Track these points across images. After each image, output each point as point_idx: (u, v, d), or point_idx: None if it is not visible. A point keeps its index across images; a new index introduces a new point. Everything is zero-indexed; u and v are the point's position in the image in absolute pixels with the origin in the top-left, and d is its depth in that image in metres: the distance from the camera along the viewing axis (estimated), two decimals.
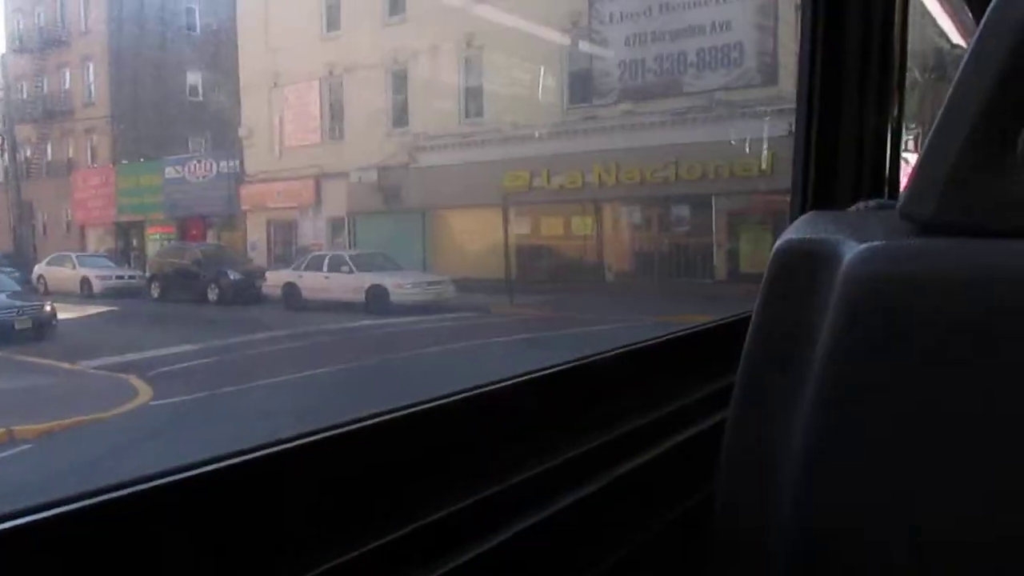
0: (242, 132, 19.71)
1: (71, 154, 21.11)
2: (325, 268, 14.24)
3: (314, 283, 14.10)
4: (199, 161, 20.06)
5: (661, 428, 0.94)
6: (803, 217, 0.67)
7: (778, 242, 0.60)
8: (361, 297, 13.58)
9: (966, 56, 0.51)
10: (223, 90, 19.81)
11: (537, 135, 15.43)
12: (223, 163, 19.71)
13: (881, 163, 1.47)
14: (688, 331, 1.17)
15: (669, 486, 0.92)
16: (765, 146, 13.15)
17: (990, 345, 0.50)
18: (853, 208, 0.83)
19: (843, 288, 0.53)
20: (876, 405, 0.53)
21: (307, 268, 14.50)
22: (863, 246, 0.53)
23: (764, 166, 13.24)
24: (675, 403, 0.99)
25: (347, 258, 14.27)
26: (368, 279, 13.66)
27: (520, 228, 16.01)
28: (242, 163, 19.67)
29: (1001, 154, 0.51)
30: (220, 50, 19.23)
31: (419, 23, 16.89)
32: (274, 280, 14.75)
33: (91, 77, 20.42)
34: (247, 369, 9.03)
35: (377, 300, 13.45)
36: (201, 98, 20.76)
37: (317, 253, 15.06)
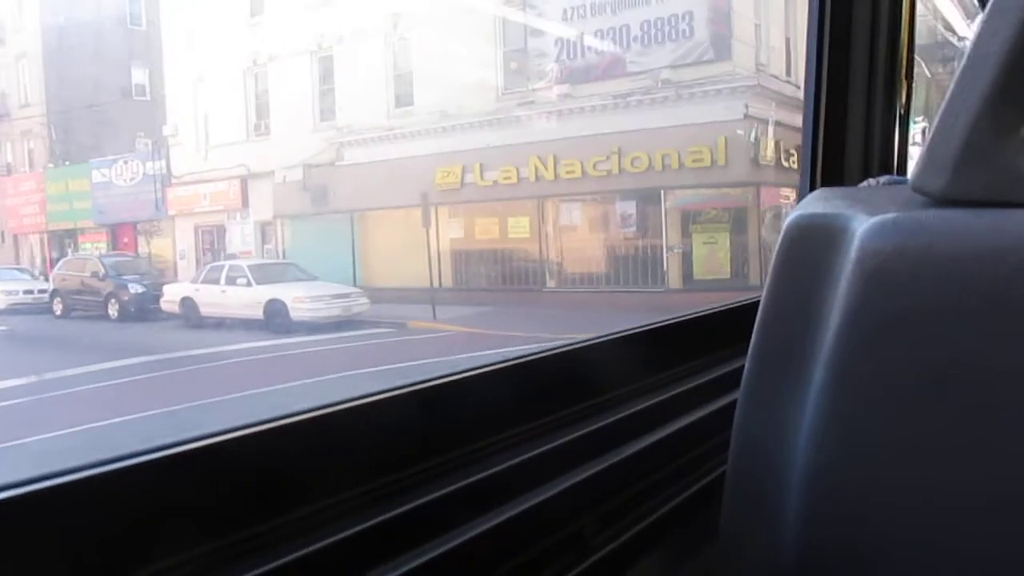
0: (167, 130, 18.06)
1: (9, 158, 19.60)
2: (222, 280, 12.51)
3: (210, 297, 12.40)
4: (126, 163, 18.38)
5: (672, 408, 0.93)
6: (813, 193, 0.62)
7: (788, 218, 0.57)
8: (259, 313, 11.86)
9: (979, 24, 0.49)
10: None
11: (469, 125, 13.59)
12: (149, 164, 18.05)
13: (890, 141, 1.46)
14: (700, 313, 1.15)
15: (680, 466, 0.90)
16: (719, 132, 11.20)
17: (1007, 315, 0.48)
18: (864, 184, 0.85)
19: (856, 262, 0.51)
20: (890, 379, 0.51)
21: (204, 281, 12.79)
22: (875, 219, 0.51)
23: (718, 155, 11.31)
24: (686, 384, 0.98)
25: (245, 269, 12.53)
26: (266, 293, 11.91)
27: (452, 231, 14.21)
28: (168, 164, 18.00)
29: (1015, 124, 0.49)
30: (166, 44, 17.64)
31: (344, 2, 15.14)
32: (171, 294, 13.05)
33: (26, 76, 18.83)
34: (49, 414, 7.34)
35: (275, 317, 11.73)
36: (148, 97, 19.10)
37: (215, 264, 13.39)
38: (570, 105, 12.58)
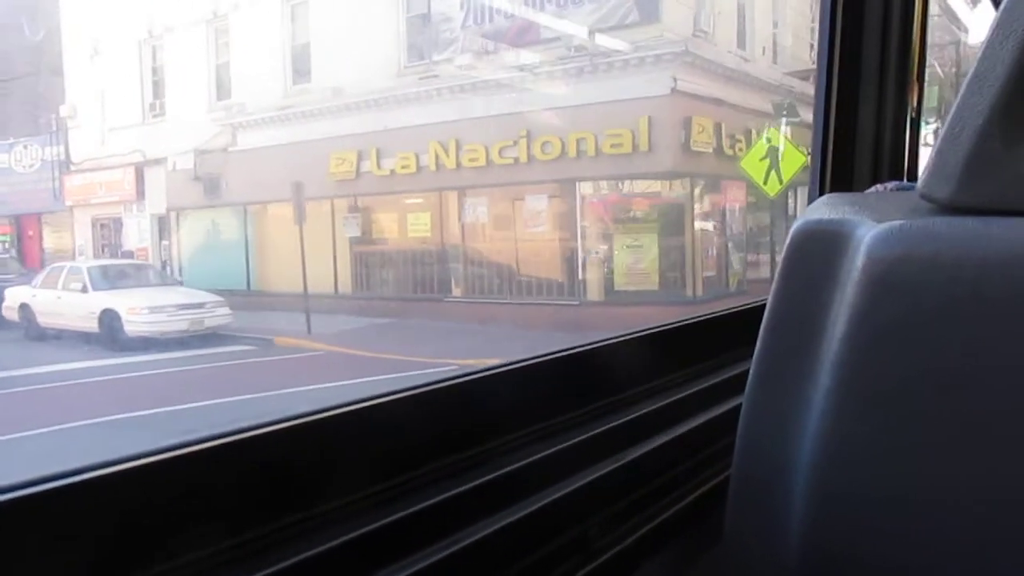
0: (65, 110, 16.09)
1: None
2: (59, 285, 10.55)
3: (46, 305, 10.46)
4: (25, 147, 16.44)
5: (677, 412, 0.92)
6: (821, 199, 0.61)
7: (795, 224, 0.56)
8: (95, 325, 9.91)
9: (989, 31, 0.49)
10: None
11: (365, 104, 11.52)
12: (48, 149, 16.12)
13: (901, 144, 1.46)
14: (705, 317, 1.14)
15: (685, 470, 0.90)
16: (642, 111, 9.05)
17: (1013, 322, 0.48)
18: (872, 190, 0.81)
19: (862, 269, 0.51)
20: (895, 387, 0.51)
21: (43, 285, 10.83)
22: (883, 226, 0.51)
23: (640, 140, 9.16)
24: (691, 388, 0.97)
25: (84, 272, 10.56)
26: (101, 301, 9.94)
27: (350, 228, 12.18)
28: (67, 148, 16.07)
29: (1023, 133, 0.49)
30: None
31: None
32: (11, 300, 11.11)
33: None
34: None
35: (110, 330, 9.75)
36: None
37: (57, 265, 11.42)
38: (474, 79, 10.48)
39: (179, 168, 14.11)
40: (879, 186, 0.81)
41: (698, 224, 9.95)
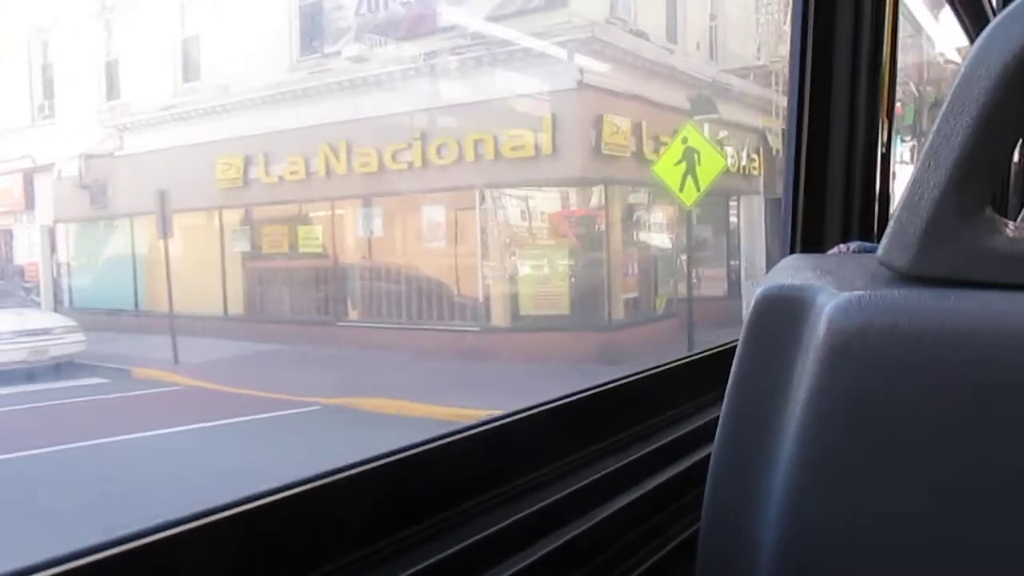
0: None
1: None
2: None
3: None
4: None
5: (644, 467, 0.90)
6: (785, 260, 0.66)
7: (760, 288, 0.57)
8: None
9: (947, 101, 0.50)
10: None
11: (252, 103, 10.22)
12: None
13: (871, 179, 1.46)
14: (678, 362, 1.14)
15: (653, 526, 0.88)
16: (545, 109, 7.79)
17: (972, 397, 0.50)
18: (835, 250, 0.81)
19: (823, 338, 0.52)
20: (856, 455, 0.52)
21: None
22: (842, 296, 0.52)
23: (543, 141, 7.90)
24: (657, 440, 0.95)
25: None
26: None
27: (239, 243, 10.85)
28: None
29: (979, 205, 0.51)
30: None
31: None
32: None
33: None
34: None
35: None
36: None
37: None
38: (365, 74, 9.20)
39: (65, 175, 12.75)
40: (842, 246, 0.83)
41: (617, 238, 8.71)
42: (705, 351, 1.19)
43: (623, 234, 8.87)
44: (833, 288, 0.52)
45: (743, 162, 11.29)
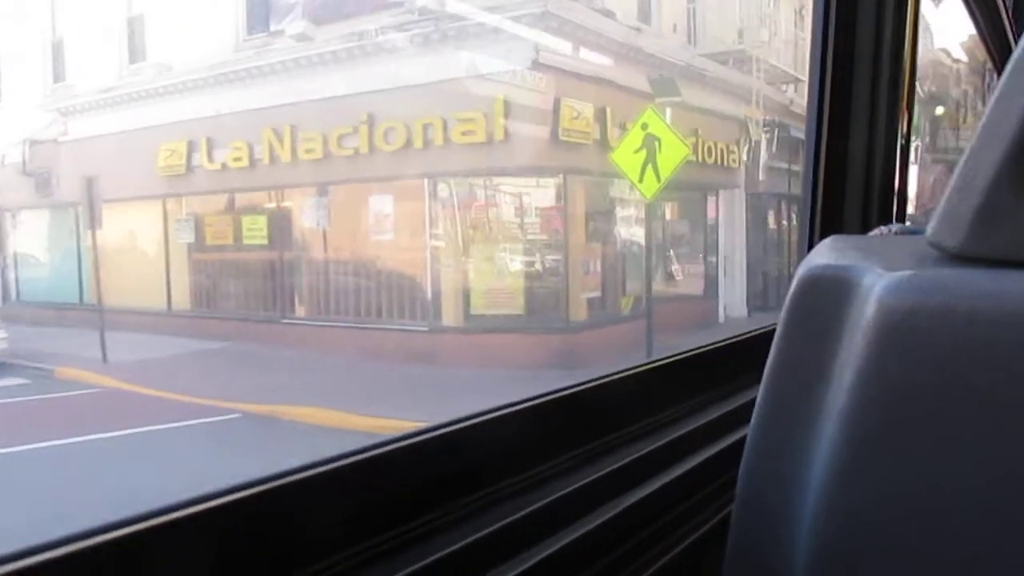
0: None
1: None
2: None
3: None
4: None
5: (679, 449, 0.89)
6: (825, 241, 0.61)
7: (800, 267, 0.56)
8: None
9: (1003, 78, 0.49)
10: None
11: (198, 83, 9.55)
12: None
13: (891, 174, 1.46)
14: (711, 347, 1.12)
15: (686, 510, 0.86)
16: (497, 91, 7.13)
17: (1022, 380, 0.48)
18: (875, 232, 0.84)
19: (872, 319, 0.50)
20: (904, 440, 0.50)
21: None
22: (893, 275, 0.50)
23: (494, 126, 7.23)
24: (692, 423, 0.94)
25: None
26: None
27: (184, 234, 10.20)
28: None
29: None
30: None
31: None
32: None
33: None
34: None
35: None
36: None
37: None
38: (310, 53, 8.52)
39: (8, 162, 12.06)
40: (883, 228, 0.81)
41: (578, 233, 8.05)
42: (745, 333, 1.17)
43: (585, 228, 8.21)
44: (880, 268, 0.51)
45: (722, 154, 10.65)
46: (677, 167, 6.56)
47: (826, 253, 0.55)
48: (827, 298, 0.52)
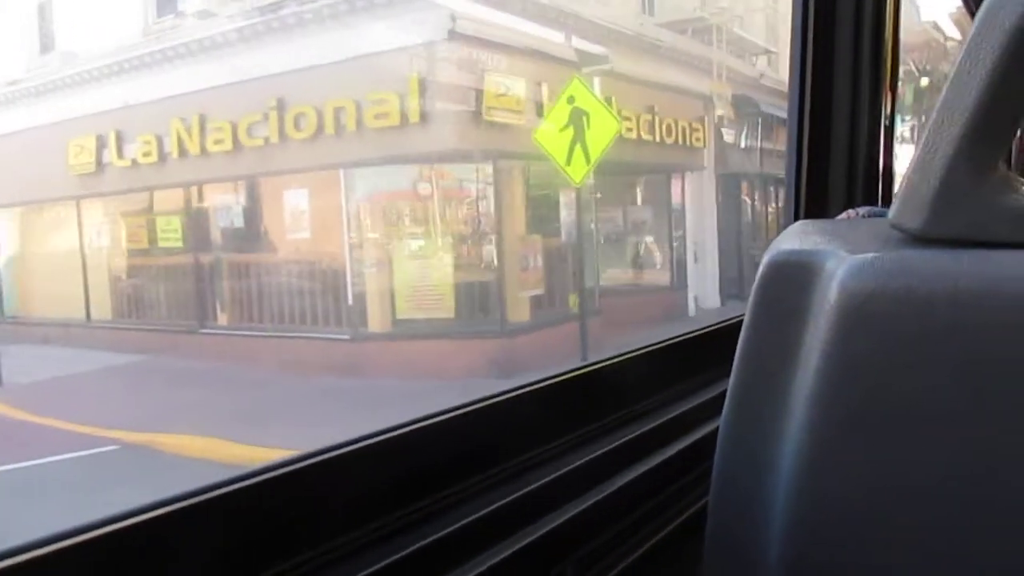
0: None
1: None
2: None
3: None
4: None
5: (655, 439, 0.90)
6: (792, 227, 0.63)
7: (768, 252, 0.57)
8: None
9: (957, 60, 0.50)
10: None
11: (106, 72, 8.70)
12: None
13: (875, 154, 1.46)
14: (684, 337, 1.13)
15: (665, 498, 0.87)
16: (413, 66, 6.27)
17: (985, 358, 0.50)
18: (843, 216, 0.83)
19: (835, 302, 0.52)
20: (869, 419, 0.52)
21: None
22: (854, 258, 0.51)
23: (409, 107, 6.38)
24: (667, 413, 0.95)
25: None
26: None
27: (100, 236, 9.38)
28: None
29: (993, 163, 0.50)
30: None
31: None
32: None
33: None
34: None
35: None
36: None
37: None
38: (215, 31, 7.66)
39: None
40: (851, 211, 0.81)
41: (515, 224, 7.22)
42: (714, 324, 1.17)
43: (525, 218, 7.38)
44: (843, 252, 0.52)
45: (684, 132, 9.82)
46: (608, 146, 5.72)
47: (793, 238, 0.56)
48: (793, 283, 0.52)
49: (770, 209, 13.78)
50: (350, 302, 7.17)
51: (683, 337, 1.10)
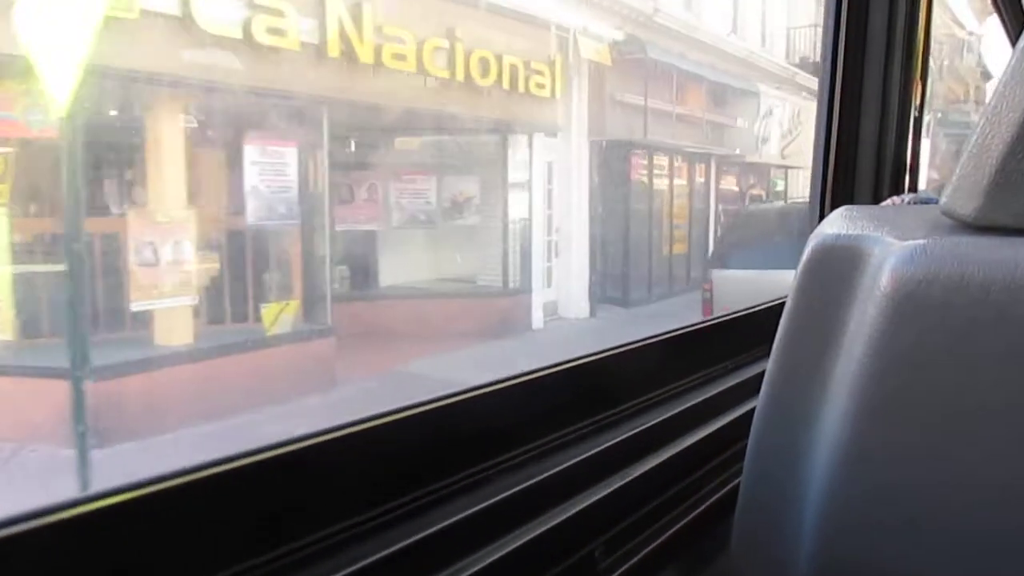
0: None
1: None
2: None
3: None
4: None
5: (688, 420, 0.90)
6: (837, 211, 0.60)
7: (812, 237, 0.56)
8: None
9: (1018, 46, 0.50)
10: None
11: None
12: None
13: (903, 146, 1.48)
14: (721, 319, 1.14)
15: (695, 480, 0.87)
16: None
17: None
18: (888, 202, 0.84)
19: (885, 288, 0.51)
20: (916, 409, 0.51)
21: None
22: (906, 244, 0.51)
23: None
24: (702, 394, 0.95)
25: None
26: None
27: None
28: None
29: None
30: None
31: None
32: None
33: None
34: None
35: None
36: None
37: None
38: None
39: None
40: (896, 198, 0.78)
41: (155, 195, 4.51)
42: (756, 306, 1.18)
43: (179, 186, 4.67)
44: (892, 238, 0.51)
45: (515, 77, 7.11)
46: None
47: (838, 223, 0.55)
48: (838, 268, 0.52)
49: (696, 188, 10.95)
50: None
51: (716, 321, 1.10)
